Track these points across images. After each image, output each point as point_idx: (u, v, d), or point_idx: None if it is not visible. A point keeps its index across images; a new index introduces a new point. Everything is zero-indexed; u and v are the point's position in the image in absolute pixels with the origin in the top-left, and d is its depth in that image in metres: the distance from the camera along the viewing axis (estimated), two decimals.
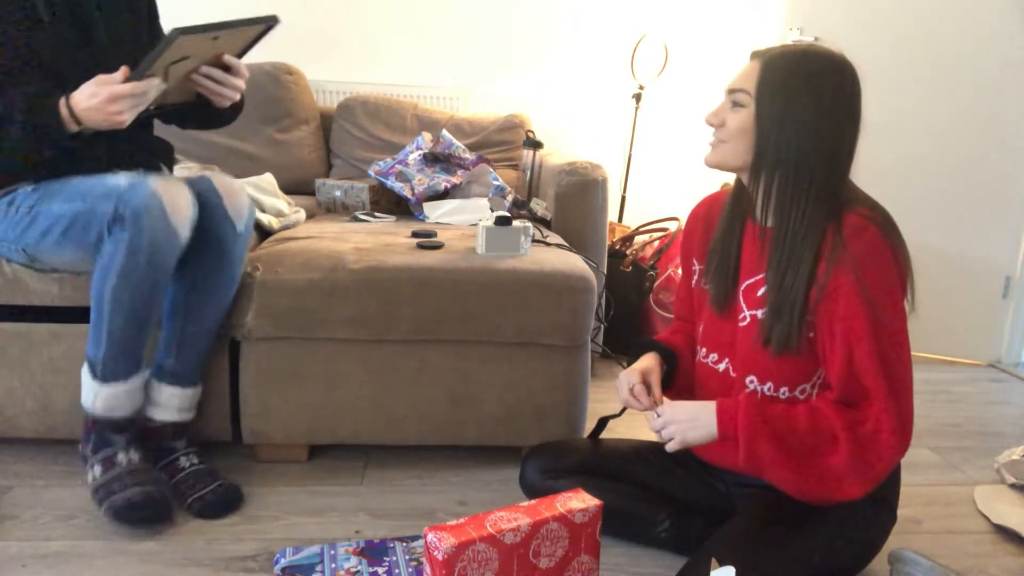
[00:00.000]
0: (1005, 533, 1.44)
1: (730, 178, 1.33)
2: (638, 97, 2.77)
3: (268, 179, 2.04)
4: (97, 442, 1.35)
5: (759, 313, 1.15)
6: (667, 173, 3.00)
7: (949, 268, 2.53)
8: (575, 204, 2.07)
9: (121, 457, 1.34)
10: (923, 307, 1.15)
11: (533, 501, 1.05)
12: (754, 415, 1.07)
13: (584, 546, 1.05)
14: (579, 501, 1.05)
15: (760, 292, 1.16)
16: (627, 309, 2.43)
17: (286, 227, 1.88)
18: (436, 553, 0.93)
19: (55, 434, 1.51)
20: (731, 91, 1.12)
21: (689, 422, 1.11)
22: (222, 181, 1.40)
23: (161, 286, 1.32)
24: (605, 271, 2.19)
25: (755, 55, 1.12)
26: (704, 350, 1.27)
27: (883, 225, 1.07)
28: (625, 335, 2.47)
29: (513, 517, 1.00)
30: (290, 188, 2.32)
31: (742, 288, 1.20)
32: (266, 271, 1.49)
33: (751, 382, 1.17)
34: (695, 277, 1.31)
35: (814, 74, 1.06)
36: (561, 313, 1.52)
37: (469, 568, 0.94)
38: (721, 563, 0.97)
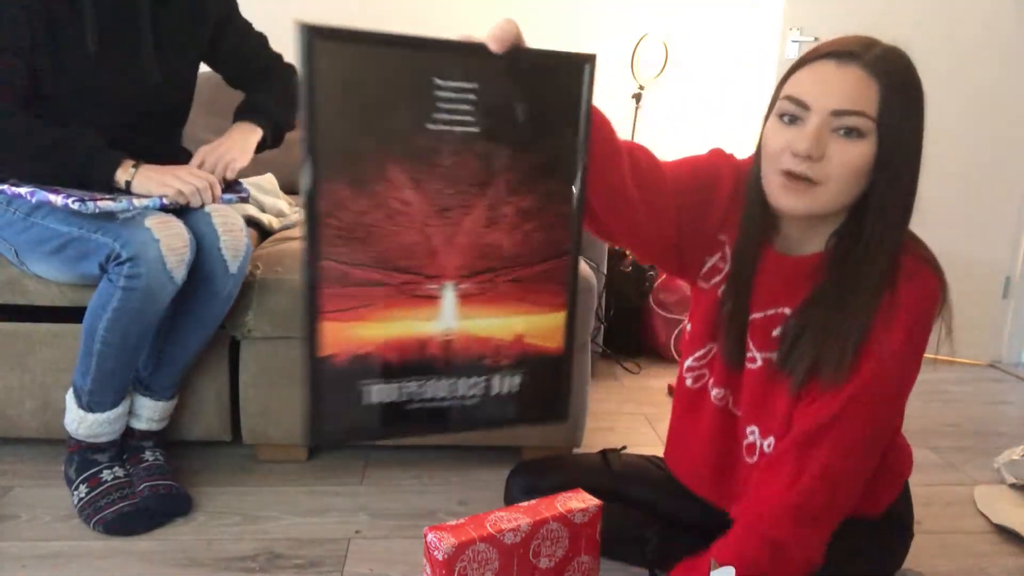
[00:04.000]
0: (1005, 533, 1.44)
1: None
2: (638, 97, 2.77)
3: (269, 179, 2.04)
4: (81, 463, 1.37)
5: (773, 356, 0.98)
6: None
7: (949, 268, 2.51)
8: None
9: (106, 474, 1.36)
10: None
11: (533, 501, 1.05)
12: None
13: (584, 546, 1.05)
14: (579, 501, 1.05)
15: (776, 331, 0.98)
16: (627, 309, 2.43)
17: (286, 227, 1.88)
18: (436, 553, 0.93)
19: (55, 434, 1.51)
20: (838, 113, 0.84)
21: None
22: (224, 220, 1.37)
23: (153, 325, 1.32)
24: (605, 271, 2.19)
25: (845, 56, 0.86)
26: (711, 380, 1.09)
27: (937, 272, 0.93)
28: (625, 335, 2.47)
29: (513, 517, 1.00)
30: (291, 188, 2.32)
31: (750, 321, 1.02)
32: (266, 271, 1.49)
33: (751, 433, 1.04)
34: (719, 275, 1.06)
35: (918, 83, 0.88)
36: None
37: (469, 568, 0.94)
38: None
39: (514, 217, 0.79)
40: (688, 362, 1.11)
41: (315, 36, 0.67)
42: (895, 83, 0.85)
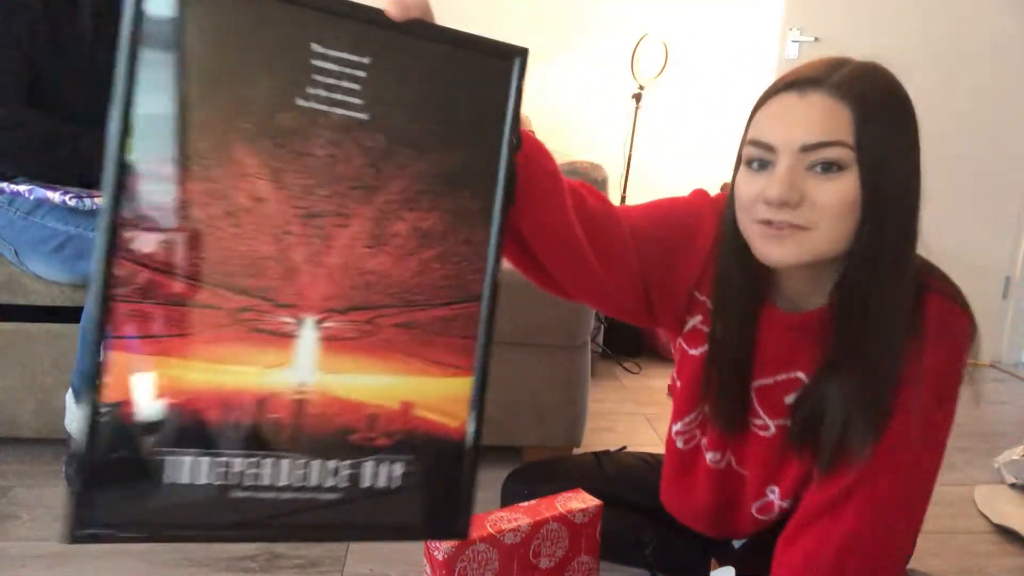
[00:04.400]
0: (1005, 533, 1.44)
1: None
2: (638, 97, 2.77)
3: None
4: None
5: (789, 423, 0.89)
6: (667, 173, 3.00)
7: (949, 268, 2.52)
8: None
9: None
10: None
11: (533, 501, 1.05)
12: None
13: (584, 546, 1.05)
14: (579, 501, 1.05)
15: (790, 398, 0.88)
16: None
17: None
18: (436, 553, 0.93)
19: (55, 434, 1.50)
20: (808, 147, 0.73)
21: None
22: None
23: None
24: None
25: (806, 84, 0.74)
26: (703, 441, 1.01)
27: (967, 310, 0.83)
28: (625, 335, 2.47)
29: (513, 517, 1.00)
30: None
31: (754, 387, 0.92)
32: None
33: (771, 492, 0.97)
34: (691, 322, 0.94)
35: (904, 99, 0.77)
36: (561, 313, 1.52)
37: (469, 568, 0.94)
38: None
39: (408, 239, 0.59)
40: (677, 426, 1.03)
41: None
42: (870, 103, 0.73)
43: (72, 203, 1.22)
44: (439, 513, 0.64)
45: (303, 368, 0.55)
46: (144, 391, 0.52)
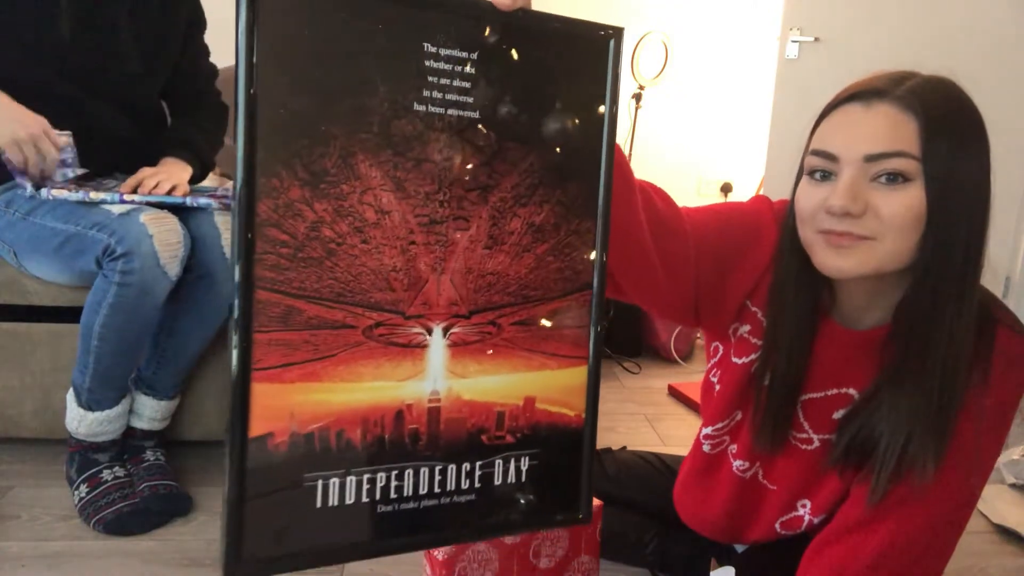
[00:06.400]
0: (1005, 533, 1.44)
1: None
2: (638, 97, 2.77)
3: None
4: (81, 463, 1.37)
5: (834, 438, 0.87)
6: (667, 173, 3.00)
7: None
8: None
9: (106, 474, 1.36)
10: None
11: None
12: None
13: (584, 546, 1.05)
14: None
15: (839, 414, 0.87)
16: (627, 309, 2.43)
17: None
18: (436, 553, 0.93)
19: (55, 434, 1.50)
20: (872, 157, 0.72)
21: None
22: (227, 218, 1.38)
23: (150, 321, 1.32)
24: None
25: (871, 95, 0.74)
26: (732, 448, 1.00)
27: None
28: (625, 335, 2.47)
29: None
30: None
31: (802, 401, 0.90)
32: None
33: (802, 507, 0.96)
34: (755, 352, 0.91)
35: (973, 115, 0.77)
36: None
37: (469, 568, 0.94)
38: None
39: (523, 235, 0.59)
40: (707, 430, 1.01)
41: None
42: (937, 115, 0.72)
43: (35, 192, 1.26)
44: (564, 501, 0.65)
45: (434, 376, 0.56)
46: (290, 419, 0.52)
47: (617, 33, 0.63)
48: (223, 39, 1.66)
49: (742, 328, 0.93)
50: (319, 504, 0.54)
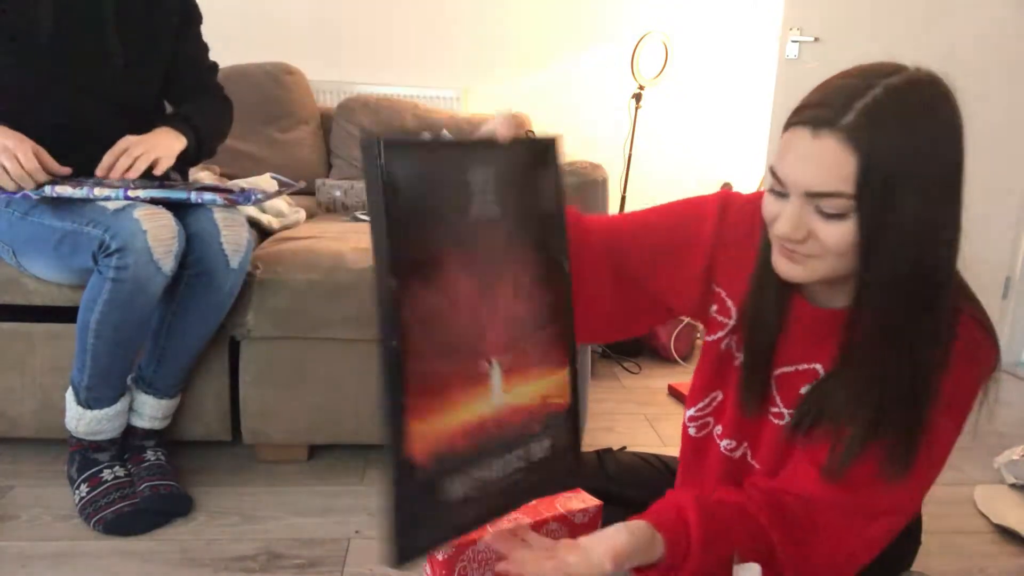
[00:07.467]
0: (1005, 533, 1.44)
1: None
2: (638, 97, 2.77)
3: (267, 179, 2.03)
4: (82, 463, 1.37)
5: (794, 412, 0.92)
6: (667, 173, 3.00)
7: None
8: (575, 204, 2.06)
9: (107, 474, 1.36)
10: None
11: (533, 501, 1.05)
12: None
13: None
14: (579, 501, 1.05)
15: (805, 388, 0.91)
16: None
17: (286, 227, 1.88)
18: (436, 553, 0.93)
19: (55, 434, 1.50)
20: (812, 195, 0.76)
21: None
22: (225, 215, 1.38)
23: (145, 317, 1.32)
24: None
25: (821, 122, 0.74)
26: (716, 428, 1.03)
27: (995, 341, 0.86)
28: None
29: (513, 517, 0.99)
30: None
31: (776, 375, 0.94)
32: (266, 271, 1.49)
33: None
34: (722, 330, 0.97)
35: (937, 127, 0.77)
36: None
37: (469, 568, 0.94)
38: None
39: (528, 284, 0.83)
40: (691, 411, 1.05)
41: (386, 145, 0.69)
42: (883, 146, 0.72)
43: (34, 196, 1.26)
44: (572, 464, 0.88)
45: (497, 394, 0.79)
46: (425, 443, 0.71)
47: (555, 140, 0.86)
48: (221, 38, 1.65)
49: (711, 308, 0.99)
50: (443, 498, 0.74)
